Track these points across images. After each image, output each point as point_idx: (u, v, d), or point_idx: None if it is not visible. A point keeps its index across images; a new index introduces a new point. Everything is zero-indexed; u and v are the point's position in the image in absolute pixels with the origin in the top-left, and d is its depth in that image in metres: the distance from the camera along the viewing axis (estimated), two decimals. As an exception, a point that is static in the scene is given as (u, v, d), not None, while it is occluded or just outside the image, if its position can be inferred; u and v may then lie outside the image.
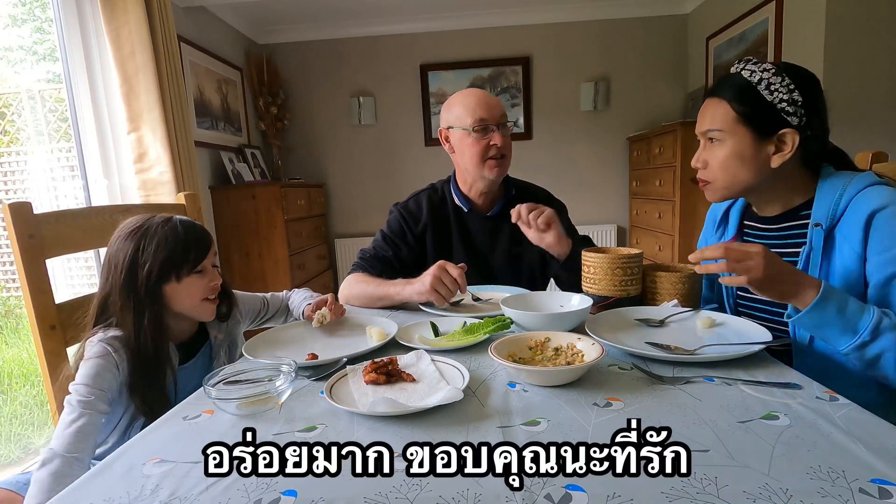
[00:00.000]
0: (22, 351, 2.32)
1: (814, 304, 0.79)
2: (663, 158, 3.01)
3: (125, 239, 0.98)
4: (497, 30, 3.69)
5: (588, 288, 1.13)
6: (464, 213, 1.44)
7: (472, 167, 1.35)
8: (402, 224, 1.44)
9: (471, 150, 1.33)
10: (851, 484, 0.49)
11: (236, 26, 3.44)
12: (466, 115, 1.32)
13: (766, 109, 0.89)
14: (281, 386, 0.74)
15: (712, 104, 0.95)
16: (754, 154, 0.92)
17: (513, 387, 0.77)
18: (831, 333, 0.80)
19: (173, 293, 1.00)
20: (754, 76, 0.91)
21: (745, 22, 2.91)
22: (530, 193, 1.49)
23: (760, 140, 0.91)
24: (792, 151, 0.90)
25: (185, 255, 0.99)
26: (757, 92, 0.90)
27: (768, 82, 0.89)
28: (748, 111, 0.90)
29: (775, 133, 0.90)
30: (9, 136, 2.19)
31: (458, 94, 1.37)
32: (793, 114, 0.89)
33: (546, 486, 0.51)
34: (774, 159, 0.91)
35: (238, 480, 0.55)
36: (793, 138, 0.89)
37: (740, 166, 0.93)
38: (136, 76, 2.15)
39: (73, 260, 2.27)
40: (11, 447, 2.03)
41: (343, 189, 3.93)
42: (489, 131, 1.31)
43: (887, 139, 2.37)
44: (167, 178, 2.22)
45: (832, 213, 0.89)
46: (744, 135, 0.91)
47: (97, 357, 0.91)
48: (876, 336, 0.77)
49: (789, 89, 0.88)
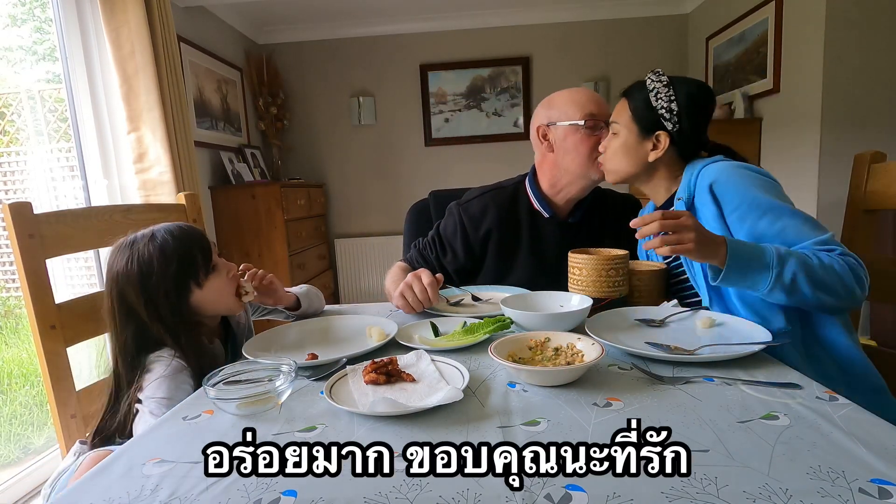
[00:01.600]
0: (22, 351, 2.32)
1: (729, 253, 0.89)
2: (663, 158, 3.01)
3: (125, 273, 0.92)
4: (497, 30, 3.70)
5: (575, 290, 1.13)
6: (541, 218, 1.33)
7: (577, 166, 1.26)
8: (459, 228, 1.33)
9: (579, 148, 1.24)
10: (851, 484, 0.49)
11: (236, 26, 3.44)
12: (575, 111, 1.24)
13: (649, 112, 1.09)
14: (281, 386, 0.74)
15: (622, 101, 1.15)
16: (636, 148, 1.12)
17: (513, 387, 0.77)
18: (751, 277, 0.90)
19: (202, 300, 0.98)
20: (651, 84, 1.09)
21: (745, 22, 2.91)
22: (608, 198, 1.41)
23: (642, 137, 1.11)
24: (663, 149, 1.09)
25: (193, 261, 0.95)
26: (647, 98, 1.09)
27: (657, 91, 1.08)
28: (637, 111, 1.10)
29: (653, 133, 1.09)
30: (8, 136, 2.19)
31: (563, 92, 1.30)
32: (668, 119, 1.07)
33: (546, 486, 0.51)
34: (651, 154, 1.11)
35: (238, 480, 0.55)
36: (664, 139, 1.09)
37: (625, 156, 1.13)
38: (135, 76, 2.15)
39: (73, 260, 2.27)
40: (11, 447, 2.02)
41: (343, 189, 3.93)
42: (599, 128, 1.24)
43: (887, 139, 2.37)
44: (167, 178, 2.22)
45: (689, 189, 1.07)
46: (632, 130, 1.11)
47: (173, 376, 0.90)
48: (784, 263, 0.89)
49: (669, 99, 1.07)
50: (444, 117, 3.82)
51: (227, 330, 1.13)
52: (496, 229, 1.31)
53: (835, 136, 2.43)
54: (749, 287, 0.92)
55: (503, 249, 1.32)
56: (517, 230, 1.32)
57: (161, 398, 0.88)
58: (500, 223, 1.31)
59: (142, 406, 0.89)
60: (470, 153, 3.73)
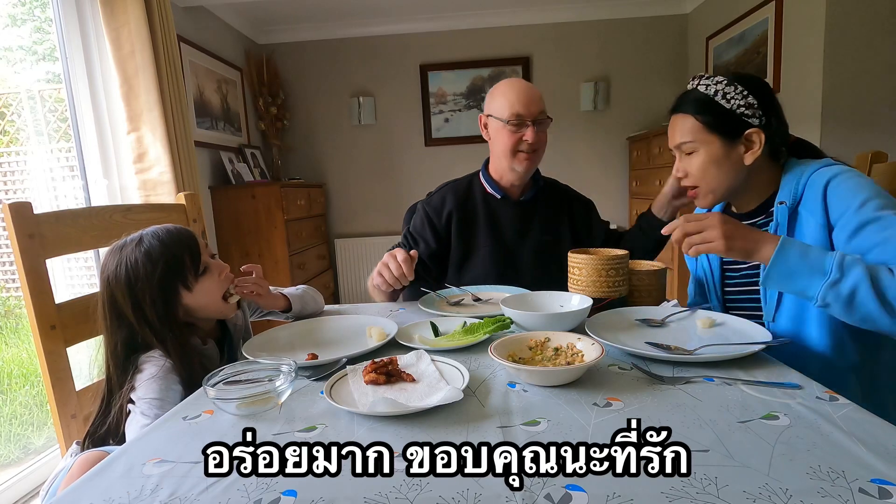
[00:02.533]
0: (22, 351, 2.31)
1: (777, 250, 0.83)
2: (663, 158, 3.01)
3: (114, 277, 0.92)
4: (497, 30, 3.70)
5: (575, 290, 1.13)
6: (494, 199, 1.45)
7: (504, 158, 1.38)
8: (425, 219, 1.45)
9: (504, 142, 1.36)
10: (851, 484, 0.49)
11: (236, 26, 3.44)
12: (505, 108, 1.33)
13: (727, 116, 0.99)
14: (281, 386, 0.74)
15: (679, 119, 1.04)
16: (727, 156, 1.00)
17: (513, 387, 0.77)
18: (802, 281, 0.82)
19: (193, 303, 0.98)
20: (710, 89, 1.00)
21: (745, 22, 2.91)
22: (558, 189, 1.54)
23: (730, 144, 1.00)
24: (761, 147, 0.99)
25: (180, 265, 0.95)
26: (715, 102, 0.99)
27: (723, 92, 0.99)
28: (712, 120, 1.00)
29: (741, 135, 0.99)
30: (8, 136, 2.19)
31: (503, 84, 1.38)
32: (752, 115, 0.98)
33: (546, 486, 0.51)
34: (747, 157, 1.00)
35: (238, 480, 0.56)
36: (759, 136, 0.98)
37: (718, 169, 1.01)
38: (135, 76, 2.15)
39: (73, 260, 2.27)
40: (11, 447, 2.02)
41: (343, 189, 3.93)
42: (524, 126, 1.33)
43: (887, 139, 2.37)
44: (167, 178, 2.22)
45: (794, 193, 0.98)
46: (713, 141, 1.00)
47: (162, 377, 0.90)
48: (844, 271, 0.79)
49: (743, 95, 0.98)
50: (445, 117, 3.82)
51: (224, 331, 1.13)
52: (456, 212, 1.44)
53: (835, 136, 2.43)
54: (799, 293, 0.84)
55: (464, 230, 1.44)
56: (474, 211, 1.45)
57: (152, 399, 0.88)
58: (459, 207, 1.44)
59: (134, 407, 0.89)
60: (470, 153, 3.73)
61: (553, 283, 1.34)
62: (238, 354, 1.10)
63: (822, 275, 0.81)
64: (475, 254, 1.44)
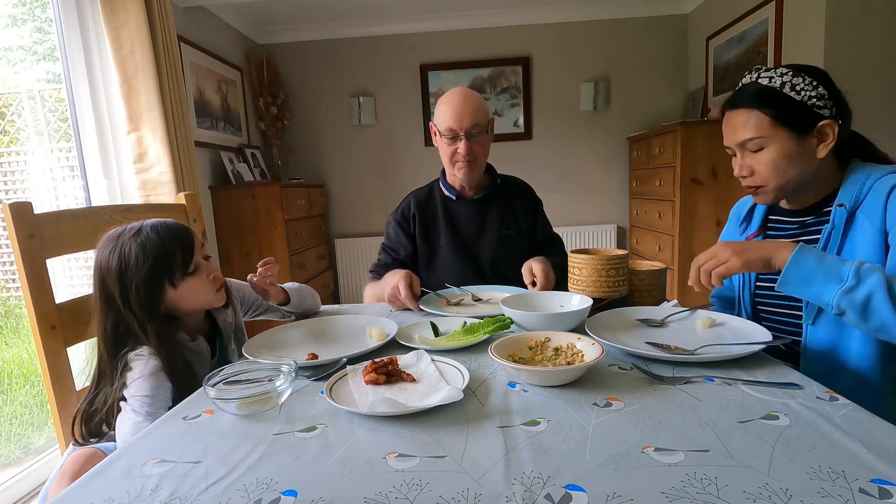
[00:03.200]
0: (22, 351, 2.31)
1: (794, 254, 0.83)
2: (663, 158, 3.01)
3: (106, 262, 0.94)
4: (497, 30, 3.69)
5: (576, 290, 1.13)
6: (451, 201, 1.55)
7: (446, 165, 1.50)
8: (397, 226, 1.56)
9: (442, 151, 1.47)
10: (851, 484, 0.49)
11: (236, 26, 3.44)
12: (441, 121, 1.42)
13: (798, 108, 0.93)
14: (281, 386, 0.74)
15: (741, 115, 0.97)
16: (800, 150, 0.95)
17: (513, 387, 0.77)
18: (817, 286, 0.81)
19: (177, 299, 0.98)
20: (774, 81, 0.94)
21: (745, 22, 2.91)
22: (514, 184, 1.61)
23: (802, 137, 0.94)
24: (835, 139, 0.93)
25: (172, 259, 0.95)
26: (783, 94, 0.93)
27: (791, 84, 0.93)
28: (779, 113, 0.93)
29: (813, 127, 0.93)
30: (9, 135, 2.19)
31: (445, 96, 1.45)
32: (824, 107, 0.93)
33: (546, 486, 0.51)
34: (820, 150, 0.95)
35: (238, 480, 0.56)
36: (833, 128, 0.93)
37: (790, 164, 0.95)
38: (135, 76, 2.15)
39: (74, 260, 2.27)
40: (11, 447, 2.02)
41: (343, 189, 3.93)
42: (457, 139, 1.41)
43: (887, 139, 2.37)
44: (167, 178, 2.22)
45: (857, 196, 0.93)
46: (785, 136, 0.94)
47: (151, 375, 0.91)
48: (861, 278, 0.78)
49: (814, 86, 0.92)
50: (445, 117, 3.81)
51: (215, 328, 1.12)
52: (418, 214, 1.55)
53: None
54: (814, 299, 0.83)
55: (426, 229, 1.55)
56: (434, 212, 1.56)
57: (143, 396, 0.89)
58: (421, 210, 1.55)
59: (125, 404, 0.90)
60: (470, 153, 3.72)
61: (512, 277, 1.43)
62: (228, 352, 1.10)
63: (838, 281, 0.79)
64: (438, 253, 1.53)
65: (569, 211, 3.80)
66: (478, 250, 1.51)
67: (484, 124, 1.42)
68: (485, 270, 1.50)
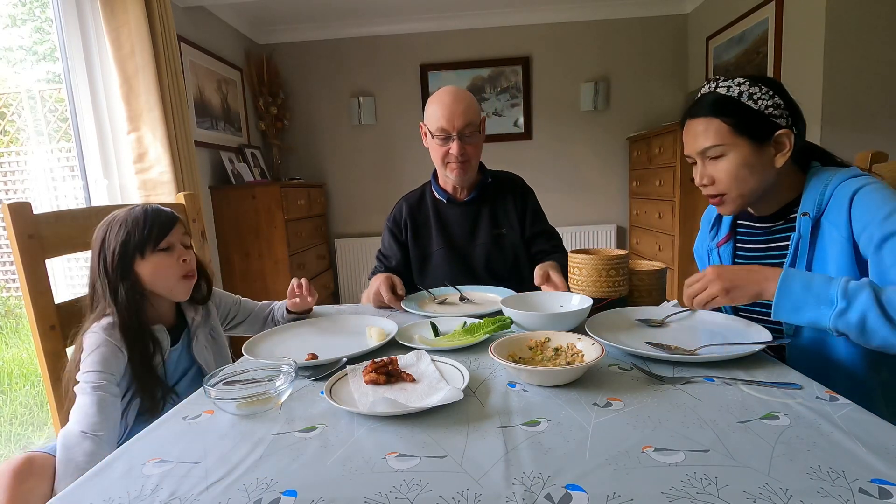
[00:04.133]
0: (22, 351, 2.32)
1: (779, 285, 0.82)
2: (663, 158, 3.01)
3: (99, 228, 1.04)
4: (497, 30, 3.69)
5: (576, 290, 1.13)
6: (442, 203, 1.53)
7: (438, 167, 1.47)
8: (390, 235, 1.56)
9: (433, 153, 1.44)
10: (851, 484, 0.49)
11: (236, 26, 3.44)
12: (432, 121, 1.39)
13: (755, 117, 0.94)
14: (281, 386, 0.74)
15: (700, 124, 0.98)
16: (759, 159, 0.95)
17: (513, 387, 0.77)
18: (810, 312, 0.81)
19: (144, 271, 1.02)
20: (732, 90, 0.95)
21: (745, 22, 2.91)
22: (506, 181, 1.57)
23: (759, 146, 0.95)
24: (791, 148, 0.95)
25: (146, 233, 1.02)
26: (741, 103, 0.94)
27: (749, 93, 0.94)
28: (739, 122, 0.94)
29: (771, 136, 0.94)
30: (9, 136, 2.19)
31: (435, 95, 1.41)
32: (779, 116, 0.94)
33: (546, 486, 0.51)
34: (777, 159, 0.96)
35: (238, 480, 0.56)
36: (789, 137, 0.94)
37: (750, 173, 0.96)
38: (135, 76, 2.15)
39: (73, 260, 2.27)
40: (11, 447, 2.02)
41: (343, 189, 3.93)
42: (449, 140, 1.38)
43: (887, 139, 2.37)
44: (167, 178, 2.22)
45: (819, 203, 0.94)
46: (743, 144, 0.95)
47: (100, 346, 0.94)
48: (850, 299, 0.78)
49: (770, 95, 0.94)
50: (445, 117, 3.81)
51: (182, 322, 1.13)
52: (409, 219, 1.54)
53: (835, 136, 2.42)
54: (811, 324, 0.82)
55: (418, 232, 1.54)
56: (426, 215, 1.54)
57: (91, 372, 0.92)
58: (412, 214, 1.54)
59: (77, 387, 0.92)
60: (470, 153, 3.72)
61: (506, 276, 1.44)
62: (193, 349, 1.11)
63: (829, 305, 0.79)
64: (431, 257, 1.51)
65: (569, 211, 3.80)
66: (470, 253, 1.49)
67: (477, 123, 1.39)
68: (477, 272, 1.48)
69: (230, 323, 1.26)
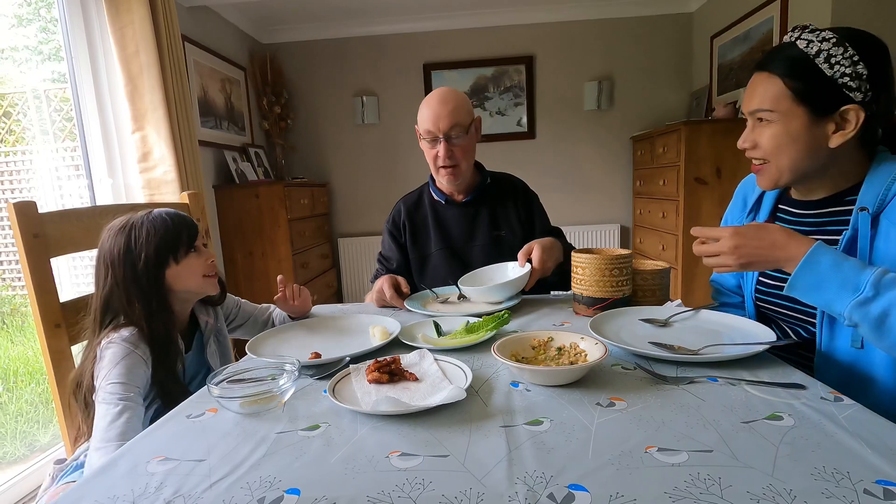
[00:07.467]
0: (27, 349, 2.33)
1: (807, 256, 0.74)
2: (667, 158, 3.00)
3: (115, 236, 1.00)
4: (500, 29, 3.69)
5: (579, 290, 1.13)
6: (441, 205, 1.52)
7: (431, 169, 1.47)
8: (389, 237, 1.56)
9: (426, 156, 1.43)
10: (856, 485, 0.49)
11: (240, 26, 3.44)
12: (421, 124, 1.39)
13: (825, 85, 0.80)
14: (284, 385, 0.74)
15: (762, 80, 0.85)
16: (809, 133, 0.83)
17: (516, 386, 0.77)
18: (829, 293, 0.73)
19: (175, 276, 1.02)
20: (811, 47, 0.80)
21: (750, 21, 2.90)
22: (505, 182, 1.55)
23: (817, 119, 0.82)
24: (855, 130, 0.80)
25: (178, 238, 1.02)
26: (814, 65, 0.80)
27: (828, 54, 0.79)
28: (804, 88, 0.81)
29: (836, 110, 0.81)
30: (14, 135, 2.20)
31: (426, 98, 1.40)
32: (856, 89, 0.79)
33: (549, 486, 0.51)
34: (834, 139, 0.82)
35: (241, 478, 0.56)
36: (857, 115, 0.80)
37: (793, 146, 0.84)
38: (140, 76, 2.16)
39: (78, 259, 2.28)
40: (17, 445, 2.04)
41: (346, 188, 3.94)
42: (436, 142, 1.37)
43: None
44: (171, 177, 2.23)
45: (881, 198, 0.81)
46: (799, 114, 0.82)
47: (124, 357, 0.93)
48: (880, 290, 0.70)
49: (853, 61, 0.78)
50: (448, 116, 3.81)
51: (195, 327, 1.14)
52: (408, 221, 1.54)
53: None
54: (825, 306, 0.76)
55: (416, 234, 1.53)
56: (424, 217, 1.54)
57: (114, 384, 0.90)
58: (410, 215, 1.54)
59: (98, 398, 0.90)
60: (473, 152, 3.72)
61: None
62: (206, 352, 1.12)
63: (854, 291, 0.71)
64: (430, 258, 1.50)
65: (572, 210, 3.80)
66: (468, 254, 1.48)
67: (465, 124, 1.36)
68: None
69: (229, 326, 1.27)
